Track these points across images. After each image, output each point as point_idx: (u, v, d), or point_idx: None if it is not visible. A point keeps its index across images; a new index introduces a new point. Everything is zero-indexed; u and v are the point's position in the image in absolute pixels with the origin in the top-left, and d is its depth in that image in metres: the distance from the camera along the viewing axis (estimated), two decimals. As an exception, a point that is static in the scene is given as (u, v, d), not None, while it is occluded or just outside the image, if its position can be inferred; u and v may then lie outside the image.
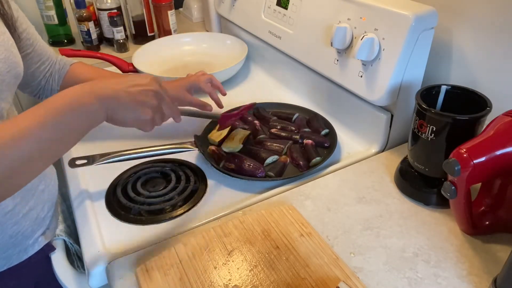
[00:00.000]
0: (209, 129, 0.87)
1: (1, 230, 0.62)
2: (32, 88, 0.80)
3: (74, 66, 0.84)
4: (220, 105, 0.89)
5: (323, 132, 0.85)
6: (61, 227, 0.73)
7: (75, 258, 0.74)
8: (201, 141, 0.83)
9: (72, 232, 0.76)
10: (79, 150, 0.86)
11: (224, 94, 0.91)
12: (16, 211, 0.63)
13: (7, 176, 0.46)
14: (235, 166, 0.75)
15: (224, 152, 0.80)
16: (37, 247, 0.68)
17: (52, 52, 0.82)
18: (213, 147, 0.81)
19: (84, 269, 0.67)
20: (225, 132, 0.85)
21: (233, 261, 0.56)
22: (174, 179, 0.75)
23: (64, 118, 0.49)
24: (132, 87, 0.55)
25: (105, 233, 0.66)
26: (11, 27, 0.65)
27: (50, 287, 0.71)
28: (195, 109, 0.83)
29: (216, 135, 0.84)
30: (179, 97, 0.83)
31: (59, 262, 0.70)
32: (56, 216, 0.74)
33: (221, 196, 0.72)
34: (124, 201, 0.71)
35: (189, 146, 0.79)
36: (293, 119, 0.90)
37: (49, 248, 0.70)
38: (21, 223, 0.64)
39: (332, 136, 0.84)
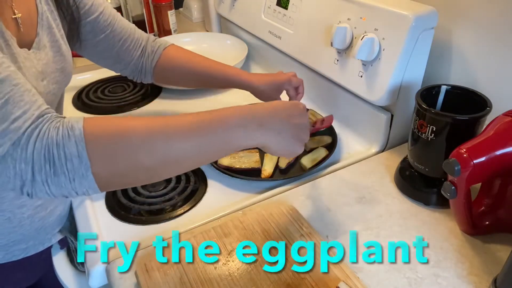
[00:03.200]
0: None
1: (30, 222, 0.64)
2: (121, 68, 0.81)
3: (169, 48, 0.82)
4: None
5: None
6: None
7: (75, 255, 0.74)
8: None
9: (73, 228, 0.76)
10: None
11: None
12: (45, 206, 0.65)
13: (161, 167, 0.48)
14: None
15: None
16: (54, 240, 0.70)
17: (135, 31, 0.80)
18: None
19: (83, 266, 0.67)
20: None
21: (233, 261, 0.56)
22: (174, 179, 0.75)
23: (227, 133, 0.50)
24: (293, 124, 0.54)
25: (105, 233, 0.66)
26: (76, 27, 0.69)
27: (51, 284, 0.71)
28: None
29: None
30: (271, 95, 0.81)
31: (60, 261, 0.70)
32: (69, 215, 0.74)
33: (221, 196, 0.72)
34: (124, 201, 0.71)
35: (189, 146, 0.79)
36: None
37: (62, 243, 0.72)
38: (46, 218, 0.66)
39: (332, 136, 0.84)
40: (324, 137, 0.83)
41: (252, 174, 0.74)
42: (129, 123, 0.47)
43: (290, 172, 0.76)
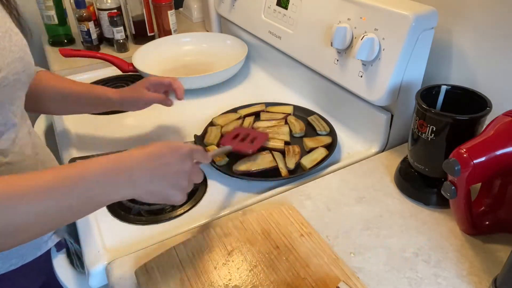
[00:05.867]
0: (206, 131, 0.87)
1: None
2: None
3: (40, 73, 0.76)
4: (180, 96, 0.80)
5: (323, 132, 0.85)
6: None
7: (75, 258, 0.74)
8: (201, 141, 0.83)
9: (72, 231, 0.76)
10: (79, 150, 0.86)
11: (180, 99, 0.81)
12: None
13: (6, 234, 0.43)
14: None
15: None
16: (50, 244, 0.69)
17: None
18: (213, 147, 0.81)
19: (83, 269, 0.67)
20: (218, 134, 0.85)
21: (233, 261, 0.56)
22: (174, 179, 0.74)
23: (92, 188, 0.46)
24: (169, 172, 0.52)
25: (105, 233, 0.66)
26: (19, 21, 0.63)
27: (54, 287, 0.71)
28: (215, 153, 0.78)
29: (212, 138, 0.84)
30: (138, 96, 0.78)
31: (60, 261, 0.70)
32: None
33: (221, 196, 0.72)
34: (124, 201, 0.71)
35: (189, 146, 0.79)
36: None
37: (58, 246, 0.71)
38: None
39: (332, 136, 0.84)
40: (324, 137, 0.83)
41: (270, 174, 0.74)
42: None
43: (290, 172, 0.76)
